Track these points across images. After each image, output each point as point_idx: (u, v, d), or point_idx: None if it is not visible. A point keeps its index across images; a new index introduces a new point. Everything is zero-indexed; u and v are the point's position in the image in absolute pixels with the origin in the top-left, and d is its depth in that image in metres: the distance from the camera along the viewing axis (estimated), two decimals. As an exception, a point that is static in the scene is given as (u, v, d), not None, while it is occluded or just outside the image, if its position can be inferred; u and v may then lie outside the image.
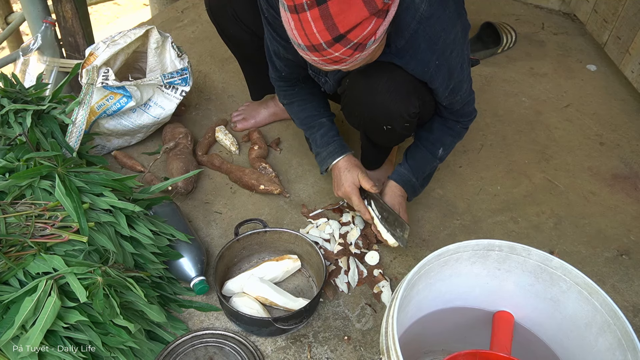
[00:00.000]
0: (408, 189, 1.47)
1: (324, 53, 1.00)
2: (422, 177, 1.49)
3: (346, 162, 1.46)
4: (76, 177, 1.26)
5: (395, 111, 1.30)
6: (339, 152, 1.46)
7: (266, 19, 1.33)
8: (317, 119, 1.50)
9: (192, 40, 2.40)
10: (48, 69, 1.95)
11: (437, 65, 1.22)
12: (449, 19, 1.17)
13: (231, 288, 1.40)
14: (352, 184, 1.43)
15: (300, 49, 1.03)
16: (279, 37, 1.33)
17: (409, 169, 1.45)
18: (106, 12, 4.12)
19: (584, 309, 1.02)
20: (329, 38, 0.97)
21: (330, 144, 1.48)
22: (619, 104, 2.15)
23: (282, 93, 1.54)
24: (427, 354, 1.24)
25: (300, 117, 1.53)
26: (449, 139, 1.45)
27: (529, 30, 2.54)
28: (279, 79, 1.50)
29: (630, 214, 1.72)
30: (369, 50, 1.03)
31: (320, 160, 1.50)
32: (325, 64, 1.04)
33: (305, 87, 1.52)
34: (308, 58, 1.05)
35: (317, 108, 1.51)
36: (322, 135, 1.49)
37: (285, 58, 1.40)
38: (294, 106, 1.53)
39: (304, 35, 0.98)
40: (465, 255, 1.07)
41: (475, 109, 1.43)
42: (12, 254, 1.12)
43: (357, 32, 0.97)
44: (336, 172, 1.47)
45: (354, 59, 1.03)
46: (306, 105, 1.52)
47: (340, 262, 1.48)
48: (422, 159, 1.46)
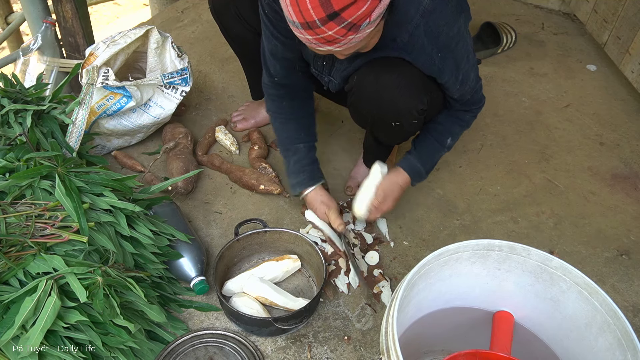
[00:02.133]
0: (415, 178, 1.49)
1: (317, 31, 1.00)
2: (429, 166, 1.50)
3: (314, 197, 1.50)
4: (76, 177, 1.26)
5: (404, 107, 1.30)
6: (308, 183, 1.50)
7: (266, 15, 1.32)
8: (294, 143, 1.51)
9: (192, 40, 2.40)
10: (48, 69, 1.95)
11: (441, 59, 1.22)
12: (452, 12, 1.18)
13: (231, 288, 1.40)
14: (322, 219, 1.51)
15: (295, 27, 1.03)
16: (280, 33, 1.33)
17: (417, 157, 1.47)
18: (106, 12, 4.12)
19: (584, 309, 1.02)
20: (323, 15, 0.97)
21: (301, 172, 1.51)
22: (619, 104, 2.16)
23: (270, 103, 1.55)
24: (427, 354, 1.24)
25: (280, 136, 1.55)
26: (457, 129, 1.46)
27: (529, 30, 2.54)
28: (271, 86, 1.50)
29: (630, 214, 1.72)
30: (363, 33, 1.03)
31: (290, 184, 1.54)
32: (319, 43, 1.04)
33: (292, 104, 1.52)
34: (302, 37, 1.05)
35: (298, 131, 1.52)
36: (295, 162, 1.51)
37: (283, 58, 1.40)
38: (277, 122, 1.54)
39: (299, 11, 0.99)
40: (465, 255, 1.07)
41: (483, 95, 1.43)
42: (12, 254, 1.12)
43: (352, 11, 0.97)
44: (308, 204, 1.53)
45: (347, 40, 1.03)
46: (288, 125, 1.52)
47: (340, 263, 1.48)
48: (431, 147, 1.47)
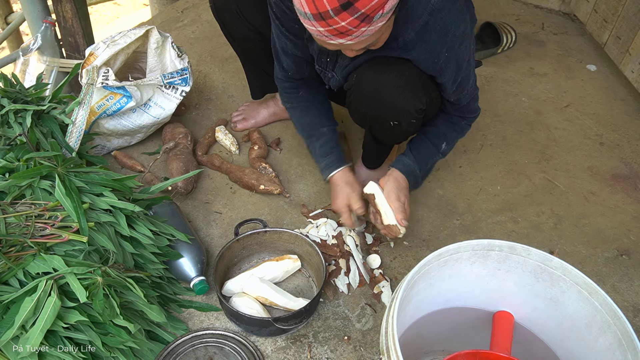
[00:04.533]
0: (411, 180, 1.47)
1: (330, 22, 0.99)
2: (424, 170, 1.49)
3: (341, 177, 1.48)
4: (76, 177, 1.26)
5: (403, 106, 1.30)
6: (336, 165, 1.48)
7: (274, 14, 1.32)
8: (317, 128, 1.51)
9: (192, 40, 2.40)
10: (48, 69, 1.95)
11: (446, 58, 1.22)
12: (459, 11, 1.18)
13: (231, 288, 1.40)
14: (342, 202, 1.46)
15: (306, 19, 1.03)
16: (288, 32, 1.33)
17: (413, 159, 1.45)
18: (106, 12, 4.12)
19: (584, 309, 1.02)
20: (337, 4, 0.97)
21: (328, 155, 1.49)
22: (619, 104, 2.15)
23: (285, 96, 1.54)
24: (427, 354, 1.24)
25: (301, 122, 1.54)
26: (453, 135, 1.46)
27: (529, 30, 2.54)
28: (285, 80, 1.50)
29: (630, 214, 1.72)
30: (376, 25, 1.02)
31: (320, 168, 1.53)
32: (330, 35, 1.03)
33: (310, 91, 1.52)
34: (314, 30, 1.04)
35: (319, 116, 1.52)
36: (321, 145, 1.50)
37: (293, 55, 1.39)
38: (297, 111, 1.54)
39: (312, 1, 0.98)
40: (465, 255, 1.07)
41: (479, 106, 1.43)
42: (12, 254, 1.12)
43: (365, 1, 0.96)
44: (332, 186, 1.50)
45: (360, 32, 1.02)
46: (308, 111, 1.52)
47: (340, 263, 1.48)
48: (426, 151, 1.46)
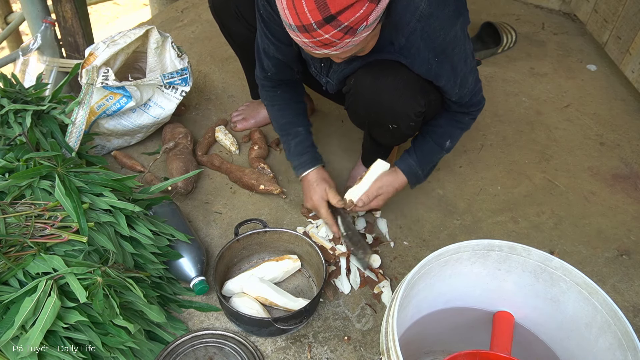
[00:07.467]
0: (411, 180, 1.48)
1: (314, 34, 1.00)
2: (428, 168, 1.50)
3: (316, 175, 1.48)
4: (76, 177, 1.26)
5: (401, 110, 1.30)
6: (310, 164, 1.49)
7: (261, 15, 1.33)
8: (294, 127, 1.52)
9: (192, 40, 2.40)
10: (48, 69, 1.95)
11: (437, 63, 1.22)
12: (448, 18, 1.17)
13: (231, 288, 1.40)
14: (320, 197, 1.46)
15: (291, 30, 1.03)
16: (272, 35, 1.34)
17: (416, 160, 1.46)
18: (106, 12, 4.12)
19: (584, 309, 1.02)
20: (320, 18, 0.97)
21: (303, 154, 1.50)
22: (619, 104, 2.15)
23: (264, 93, 1.56)
24: (427, 354, 1.24)
25: (279, 121, 1.55)
26: (457, 131, 1.46)
27: (529, 30, 2.54)
28: (264, 78, 1.52)
29: (630, 214, 1.72)
30: (360, 36, 1.02)
31: (293, 166, 1.54)
32: (315, 46, 1.03)
33: (288, 90, 1.53)
34: (298, 40, 1.04)
35: (296, 115, 1.53)
36: (297, 144, 1.51)
37: (274, 57, 1.41)
38: (274, 109, 1.55)
39: (295, 14, 0.98)
40: (466, 255, 1.07)
41: (483, 96, 1.43)
42: (12, 254, 1.12)
43: (348, 15, 0.96)
44: (306, 184, 1.50)
45: (344, 44, 1.02)
46: (285, 111, 1.53)
47: (340, 262, 1.48)
48: (430, 150, 1.46)
